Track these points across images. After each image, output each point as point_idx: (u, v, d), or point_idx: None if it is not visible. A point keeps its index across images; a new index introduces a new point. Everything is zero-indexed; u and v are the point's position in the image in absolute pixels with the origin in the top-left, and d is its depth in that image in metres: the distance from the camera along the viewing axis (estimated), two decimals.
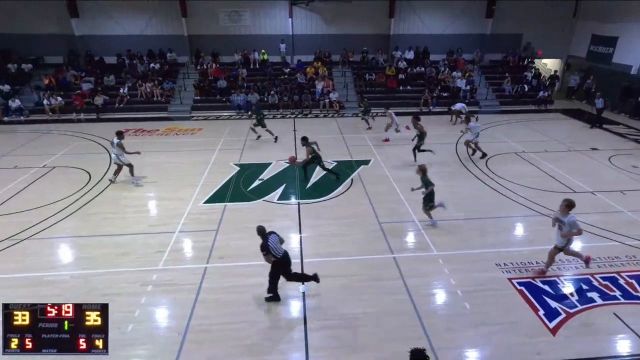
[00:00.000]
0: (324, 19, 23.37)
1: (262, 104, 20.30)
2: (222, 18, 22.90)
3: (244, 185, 11.89)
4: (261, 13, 23.00)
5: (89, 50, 22.57)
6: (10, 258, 8.45)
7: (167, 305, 7.18)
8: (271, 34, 23.38)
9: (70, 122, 18.71)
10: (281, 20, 23.22)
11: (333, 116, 19.91)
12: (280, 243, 7.00)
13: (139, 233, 9.35)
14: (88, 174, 12.68)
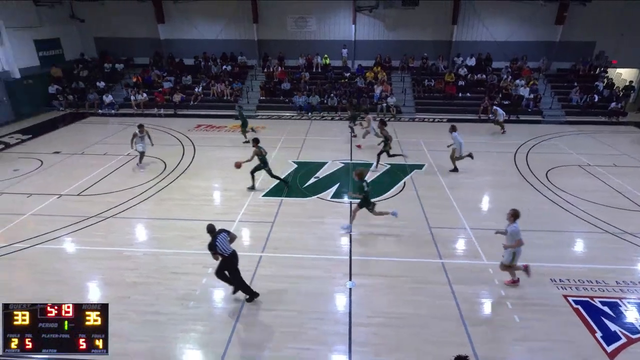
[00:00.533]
0: (386, 25, 23.07)
1: (322, 106, 20.52)
2: (289, 24, 23.42)
3: (300, 182, 12.09)
4: (326, 19, 23.20)
5: (171, 52, 24.16)
6: (96, 233, 9.31)
7: (224, 287, 7.49)
8: (334, 39, 23.50)
9: (152, 116, 20.16)
10: (344, 27, 23.27)
11: (390, 120, 19.61)
12: (230, 242, 6.80)
13: (204, 220, 9.83)
14: (164, 163, 13.59)
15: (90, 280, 7.76)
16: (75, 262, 8.35)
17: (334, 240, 9.04)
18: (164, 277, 7.71)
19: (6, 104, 18.89)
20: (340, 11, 22.92)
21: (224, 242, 6.72)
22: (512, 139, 16.47)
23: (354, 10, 22.59)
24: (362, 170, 9.15)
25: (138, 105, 20.82)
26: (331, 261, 8.21)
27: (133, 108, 20.81)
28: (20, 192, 11.35)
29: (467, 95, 21.41)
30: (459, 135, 12.71)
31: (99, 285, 7.62)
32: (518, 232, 6.85)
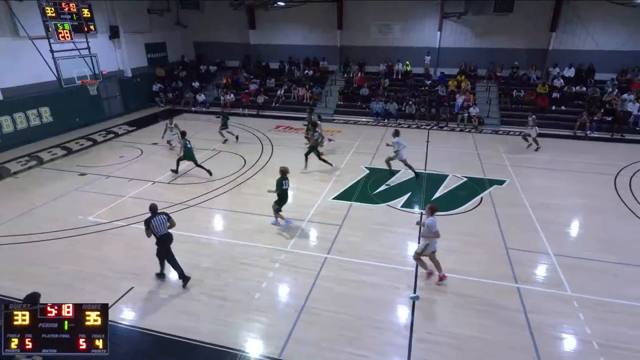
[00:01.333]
0: (474, 32, 21.93)
1: (399, 114, 20.15)
2: (373, 31, 23.39)
3: (371, 188, 11.98)
4: (410, 26, 22.74)
5: (258, 56, 25.56)
6: (180, 219, 10.09)
7: (288, 283, 7.71)
8: (417, 46, 22.94)
9: (237, 115, 21.47)
10: (429, 33, 22.60)
11: (470, 131, 18.59)
12: (169, 227, 7.30)
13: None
14: (243, 160, 14.39)
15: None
16: None
17: (400, 250, 8.80)
18: (234, 267, 8.15)
19: (119, 99, 21.52)
20: (426, 18, 22.32)
21: (160, 224, 7.26)
22: (613, 159, 14.60)
23: (440, 16, 21.85)
24: (285, 168, 9.49)
25: (226, 104, 22.32)
26: (396, 271, 8.00)
27: (221, 107, 22.36)
28: (123, 177, 12.82)
29: (562, 108, 19.46)
30: (402, 141, 12.33)
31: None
32: (434, 225, 7.23)
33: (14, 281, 7.67)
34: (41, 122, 16.72)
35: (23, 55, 15.68)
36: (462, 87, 20.90)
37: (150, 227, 7.23)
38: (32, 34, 14.39)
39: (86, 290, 7.45)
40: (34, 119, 16.48)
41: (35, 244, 8.96)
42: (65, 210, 10.53)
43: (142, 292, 7.42)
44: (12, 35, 15.68)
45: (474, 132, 18.46)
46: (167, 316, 6.80)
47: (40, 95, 16.65)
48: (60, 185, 12.15)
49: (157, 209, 7.43)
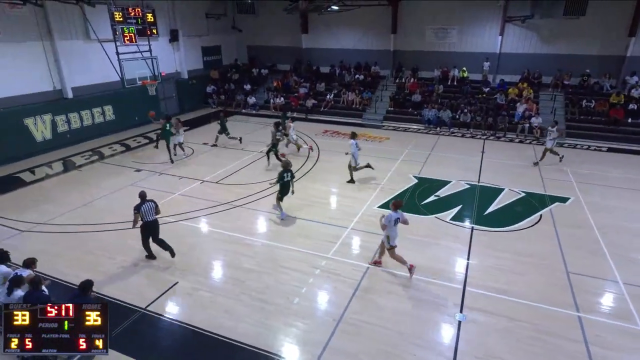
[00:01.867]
0: (539, 36, 20.80)
1: (453, 122, 19.55)
2: (428, 35, 22.95)
3: (419, 198, 11.71)
4: (469, 30, 22.03)
5: (309, 60, 25.99)
6: (226, 218, 10.53)
7: (328, 291, 7.71)
8: (476, 51, 22.17)
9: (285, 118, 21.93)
10: (490, 38, 21.75)
11: (531, 143, 17.60)
12: (155, 213, 8.06)
13: (319, 221, 10.30)
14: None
15: (214, 259, 8.81)
16: (205, 241, 9.59)
17: (447, 265, 8.50)
18: (275, 270, 8.29)
19: (174, 100, 22.81)
20: (487, 22, 21.52)
21: (149, 210, 8.00)
22: None
23: (503, 20, 20.97)
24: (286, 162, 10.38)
25: (275, 107, 22.89)
26: (442, 287, 7.73)
27: (271, 110, 22.98)
28: (174, 175, 13.54)
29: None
30: (356, 144, 12.41)
31: (221, 265, 8.59)
32: (388, 220, 7.69)
33: (72, 268, 8.34)
34: (104, 119, 18.12)
35: (92, 57, 17.15)
36: (523, 95, 19.88)
37: (140, 212, 7.94)
38: (101, 37, 15.67)
39: (136, 282, 7.92)
40: (98, 117, 17.89)
41: (93, 234, 9.69)
42: (121, 204, 11.30)
43: (186, 288, 7.75)
44: (84, 39, 17.20)
45: (535, 143, 17.45)
46: (209, 313, 7.05)
47: (104, 95, 18.08)
48: (117, 179, 13.07)
49: (147, 196, 8.20)
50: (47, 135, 15.89)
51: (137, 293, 7.56)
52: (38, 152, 15.44)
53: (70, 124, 16.71)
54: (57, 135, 16.19)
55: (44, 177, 13.43)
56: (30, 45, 15.45)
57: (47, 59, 16.07)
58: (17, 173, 13.69)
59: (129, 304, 7.26)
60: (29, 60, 15.48)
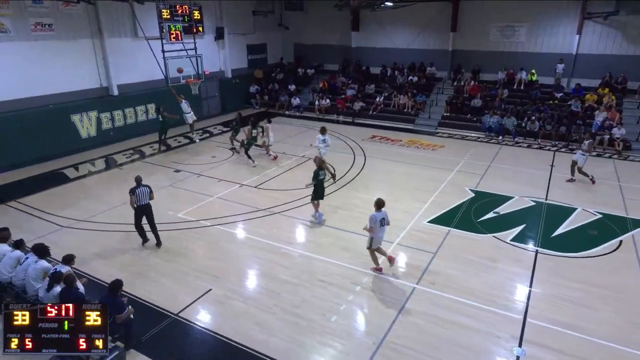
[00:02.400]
0: (625, 36, 19.48)
1: (518, 130, 18.73)
2: (493, 33, 22.24)
3: (475, 214, 11.28)
4: (540, 29, 21.10)
5: (359, 60, 26.04)
6: (263, 225, 10.72)
7: (369, 310, 7.59)
8: (548, 52, 21.16)
9: (330, 121, 22.06)
10: (565, 37, 20.69)
11: (611, 157, 16.46)
12: (149, 198, 9.09)
13: (361, 234, 10.18)
14: (333, 169, 14.67)
15: (249, 267, 8.98)
16: (241, 247, 9.81)
17: (506, 292, 8.09)
18: (312, 283, 8.29)
19: (217, 99, 23.71)
20: (562, 19, 20.50)
21: (143, 194, 9.03)
22: None
23: (581, 17, 19.89)
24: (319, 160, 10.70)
25: (320, 109, 23.11)
26: (498, 316, 7.37)
27: (315, 112, 23.23)
28: (213, 177, 14.02)
29: None
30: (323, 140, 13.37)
31: (255, 274, 8.74)
32: (372, 220, 8.04)
33: (107, 266, 8.84)
34: (147, 118, 19.16)
35: (138, 55, 18.26)
36: (604, 102, 18.66)
37: (135, 196, 8.99)
38: (148, 35, 16.65)
39: (168, 286, 8.24)
40: (141, 115, 18.95)
41: (129, 234, 10.21)
42: (158, 204, 11.76)
43: (219, 296, 7.95)
44: (131, 36, 18.38)
45: (617, 158, 16.29)
46: (241, 324, 7.17)
47: (148, 93, 19.14)
48: (156, 179, 13.72)
49: (142, 180, 9.21)
50: (91, 132, 17.07)
51: (170, 298, 7.85)
52: (82, 149, 16.60)
53: (114, 121, 17.84)
54: (101, 133, 17.34)
55: (86, 174, 14.40)
56: (81, 42, 16.73)
57: (95, 56, 17.31)
58: (61, 169, 14.79)
59: (161, 308, 7.56)
60: (79, 57, 16.76)
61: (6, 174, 14.03)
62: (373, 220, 8.09)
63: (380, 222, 8.17)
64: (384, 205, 8.24)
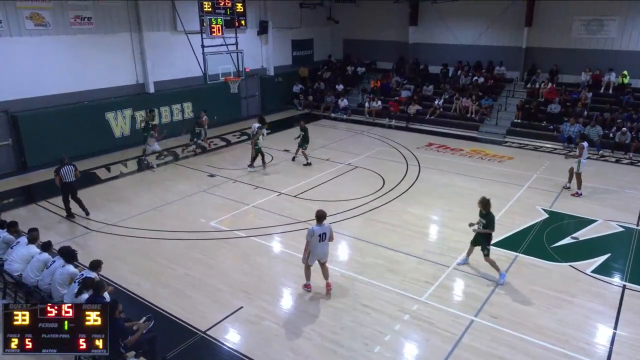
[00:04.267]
0: None
1: (604, 141, 17.78)
2: (575, 28, 21.36)
3: (549, 239, 10.78)
4: (635, 22, 20.03)
5: (416, 58, 25.84)
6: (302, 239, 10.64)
7: (418, 343, 7.41)
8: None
9: (381, 126, 21.99)
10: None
11: None
12: (74, 176, 11.24)
13: (413, 255, 10.03)
14: (382, 180, 14.58)
15: (285, 285, 9.06)
16: (277, 263, 9.93)
17: (583, 333, 7.64)
18: (354, 307, 8.22)
19: (257, 99, 24.32)
20: None
21: (68, 172, 11.12)
22: None
23: None
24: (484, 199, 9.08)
25: (370, 112, 23.09)
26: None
27: (365, 115, 23.24)
28: (249, 183, 14.34)
29: None
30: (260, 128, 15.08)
31: (291, 293, 8.80)
32: (309, 234, 8.17)
33: (134, 274, 9.23)
34: (183, 117, 19.98)
35: (176, 50, 19.17)
36: None
37: (59, 174, 11.04)
38: (188, 29, 17.42)
39: (197, 300, 8.47)
40: (177, 114, 19.80)
41: (158, 241, 10.64)
42: (190, 211, 12.27)
43: (250, 314, 8.07)
44: (170, 30, 19.32)
45: None
46: (273, 348, 7.23)
47: (185, 90, 19.98)
48: (190, 184, 14.24)
49: (66, 159, 11.36)
50: (125, 132, 18.04)
51: (198, 313, 8.06)
52: (115, 149, 17.58)
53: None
54: (135, 132, 18.26)
55: (118, 175, 15.20)
56: (119, 37, 17.83)
57: (133, 51, 18.37)
58: (93, 169, 15.70)
59: (188, 324, 7.77)
60: (117, 52, 17.86)
61: (39, 172, 15.08)
62: (310, 234, 8.13)
63: (319, 237, 8.14)
64: (325, 218, 8.26)
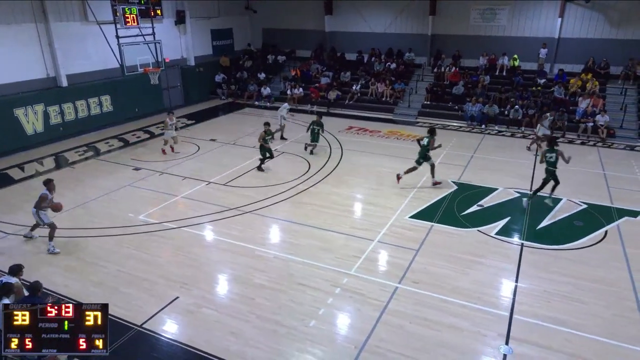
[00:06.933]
0: (607, 19, 20.24)
1: (501, 119, 19.21)
2: (473, 16, 22.67)
3: (459, 208, 11.53)
4: (522, 11, 21.65)
5: (333, 45, 26.05)
6: (235, 226, 10.63)
7: (350, 313, 7.66)
8: (530, 36, 21.75)
9: (304, 112, 22.04)
10: (547, 21, 21.31)
11: (595, 144, 17.12)
12: None
13: (341, 232, 10.27)
14: (308, 164, 14.69)
15: (221, 272, 8.91)
16: (211, 251, 9.71)
17: (492, 289, 8.33)
18: (290, 287, 8.30)
19: (179, 89, 23.27)
20: (544, 1, 21.09)
21: None
22: None
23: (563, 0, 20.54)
24: None
25: (293, 99, 23.03)
26: (485, 314, 7.58)
27: (288, 102, 23.07)
28: (177, 174, 13.78)
29: None
30: None
31: (228, 280, 8.68)
32: None
33: (61, 276, 8.58)
34: (101, 111, 18.63)
35: (89, 42, 17.72)
36: (587, 88, 19.35)
37: None
38: (100, 18, 16.15)
39: (132, 295, 8.07)
40: (95, 108, 18.41)
41: (85, 240, 9.95)
42: (117, 206, 11.57)
43: (188, 304, 7.85)
44: (81, 21, 17.76)
45: (601, 146, 16.95)
46: (213, 335, 7.11)
47: (102, 83, 18.59)
48: (114, 179, 13.39)
49: None
50: (38, 128, 16.45)
51: (133, 308, 7.70)
52: (29, 147, 16.01)
53: (63, 115, 17.25)
54: (50, 128, 16.76)
55: (33, 175, 13.89)
56: (23, 28, 16.03)
57: (40, 43, 16.64)
58: (5, 169, 14.22)
59: (122, 319, 7.39)
60: (22, 44, 16.07)
61: None
62: None
63: None
64: None
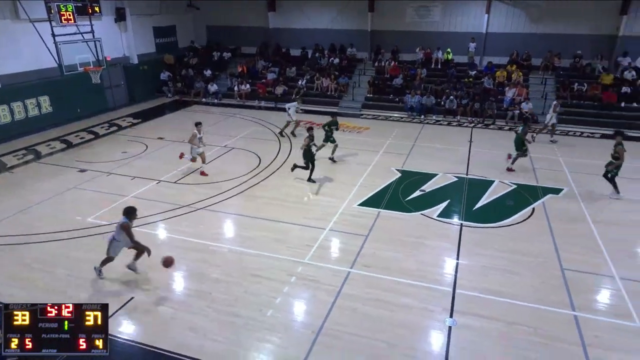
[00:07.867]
0: (529, 16, 21.45)
1: (438, 109, 19.91)
2: (409, 13, 23.24)
3: (403, 194, 11.87)
4: (453, 8, 22.47)
5: (277, 42, 25.79)
6: (187, 222, 10.34)
7: (305, 300, 7.71)
8: (460, 31, 22.64)
9: (252, 108, 21.73)
10: (475, 17, 22.26)
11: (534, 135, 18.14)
12: None
13: (294, 223, 10.28)
14: (258, 158, 14.54)
15: (176, 270, 8.62)
16: (165, 249, 9.34)
17: (436, 267, 8.67)
18: (246, 279, 8.22)
19: (123, 88, 22.16)
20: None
21: None
22: None
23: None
24: None
25: (240, 95, 22.63)
26: (430, 291, 7.89)
27: (235, 98, 22.70)
28: (125, 174, 13.17)
29: (634, 105, 18.76)
30: None
31: (183, 276, 8.44)
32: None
33: (6, 285, 7.97)
34: (40, 112, 17.39)
35: (23, 40, 16.40)
36: (512, 78, 20.47)
37: None
38: (33, 16, 15.00)
39: (81, 298, 7.66)
40: (33, 109, 17.15)
41: (30, 246, 9.30)
42: (63, 210, 10.89)
43: (143, 303, 7.58)
44: (11, 18, 16.39)
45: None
46: (172, 332, 6.92)
47: (39, 84, 17.33)
48: (58, 181, 12.58)
49: None
50: None
51: None
52: None
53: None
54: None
55: None
56: None
57: None
58: None
59: None
60: None
61: None
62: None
63: None
64: None
